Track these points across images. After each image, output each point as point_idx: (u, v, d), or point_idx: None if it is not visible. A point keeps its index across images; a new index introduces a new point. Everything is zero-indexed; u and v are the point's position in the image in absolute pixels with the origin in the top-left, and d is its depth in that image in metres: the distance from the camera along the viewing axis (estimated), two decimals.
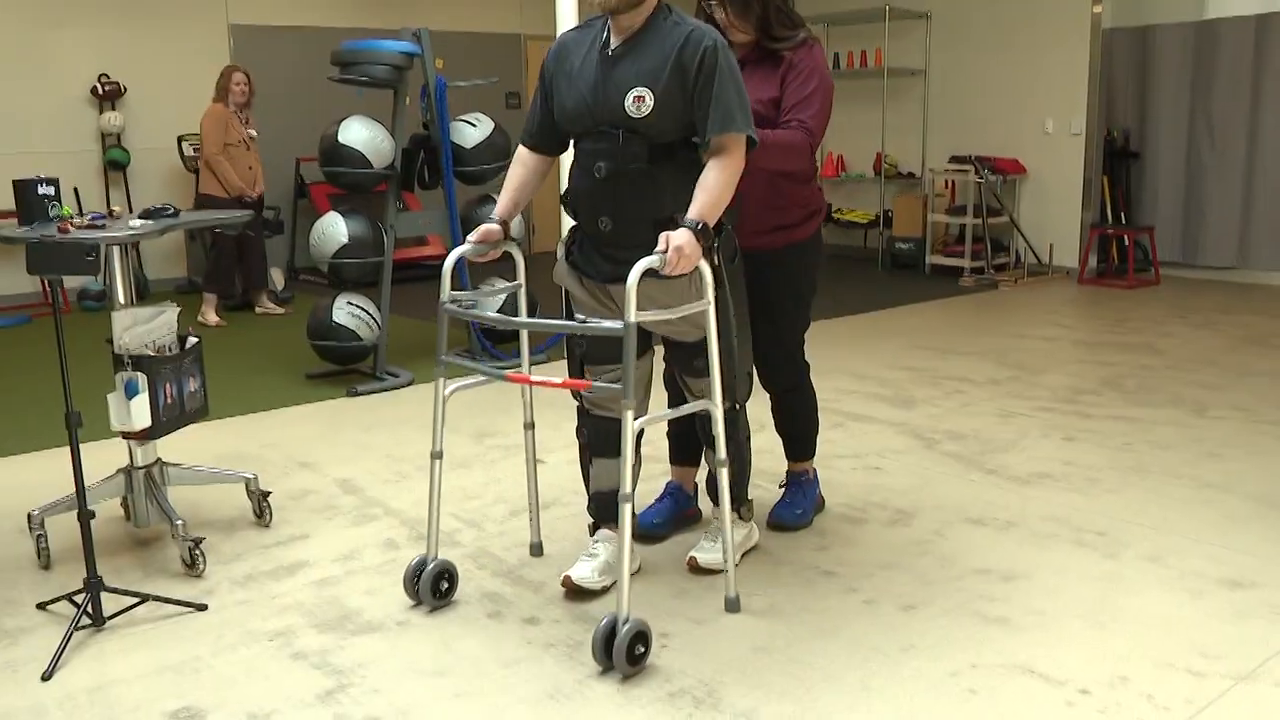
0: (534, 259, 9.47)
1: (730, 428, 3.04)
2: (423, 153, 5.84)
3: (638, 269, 2.51)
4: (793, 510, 3.50)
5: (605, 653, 2.56)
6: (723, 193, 2.66)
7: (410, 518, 3.68)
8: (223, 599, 3.05)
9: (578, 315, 2.98)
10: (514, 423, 4.78)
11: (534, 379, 2.77)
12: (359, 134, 5.48)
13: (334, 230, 5.48)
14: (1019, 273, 8.96)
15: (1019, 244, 9.24)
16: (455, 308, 2.84)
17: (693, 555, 3.16)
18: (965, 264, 8.92)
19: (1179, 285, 8.44)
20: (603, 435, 3.00)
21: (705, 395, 2.95)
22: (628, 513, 2.57)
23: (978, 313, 7.48)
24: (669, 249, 2.53)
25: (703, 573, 3.12)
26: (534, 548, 3.32)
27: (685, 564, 3.18)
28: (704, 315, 2.76)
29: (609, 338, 2.89)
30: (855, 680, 2.55)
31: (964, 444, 4.39)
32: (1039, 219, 9.17)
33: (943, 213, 9.32)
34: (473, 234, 2.90)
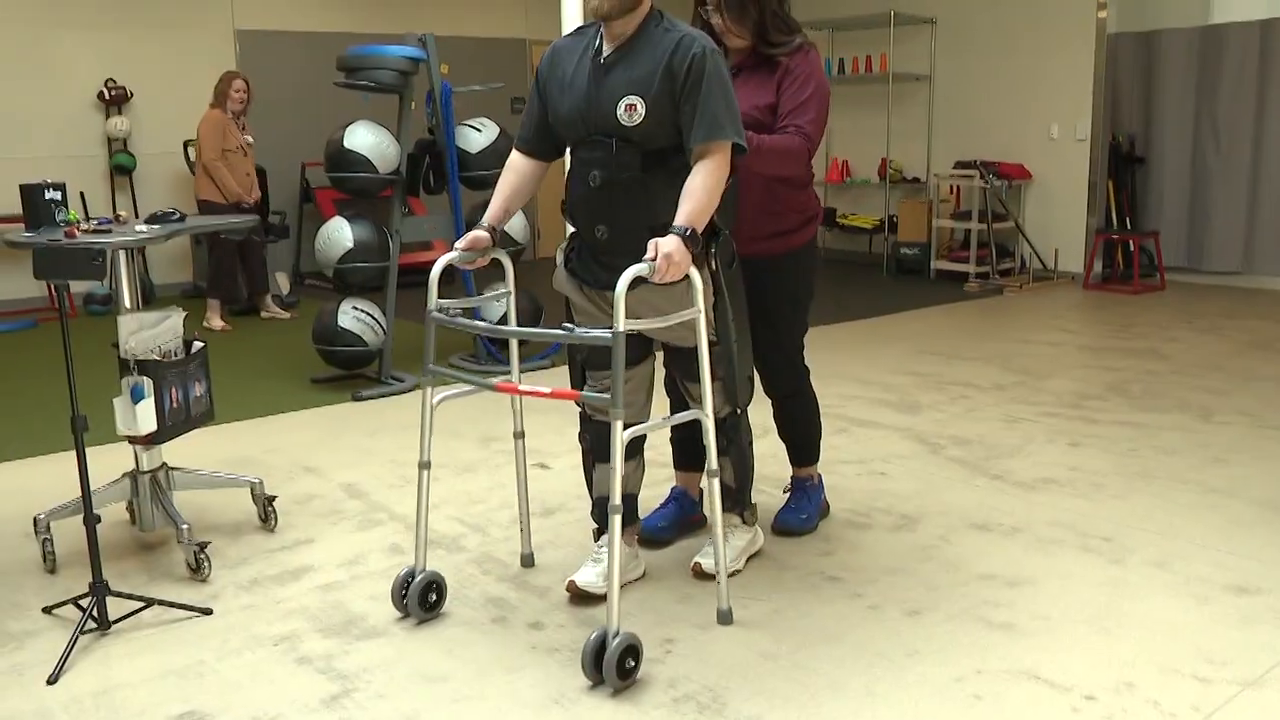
0: (538, 264, 9.49)
1: (732, 432, 3.04)
2: (428, 158, 5.84)
3: (626, 277, 2.50)
4: (798, 515, 3.49)
5: (595, 666, 2.54)
6: (709, 198, 2.64)
7: (415, 523, 3.68)
8: (228, 603, 3.06)
9: (577, 321, 2.97)
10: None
11: (523, 389, 2.75)
12: (364, 139, 5.49)
13: (339, 235, 5.48)
14: (1024, 278, 8.96)
15: (1024, 249, 9.23)
16: (442, 316, 2.84)
17: (697, 561, 3.16)
18: (970, 269, 8.91)
19: (1184, 290, 8.43)
20: (604, 441, 3.00)
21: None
22: (617, 524, 2.55)
23: (983, 318, 7.48)
24: (658, 256, 2.52)
25: (707, 578, 3.12)
26: (525, 558, 3.29)
27: (690, 570, 3.18)
28: (711, 324, 2.75)
29: (606, 345, 2.89)
30: (860, 686, 2.55)
31: (969, 449, 4.39)
32: (1044, 224, 9.16)
33: (948, 218, 9.32)
34: (460, 241, 2.88)
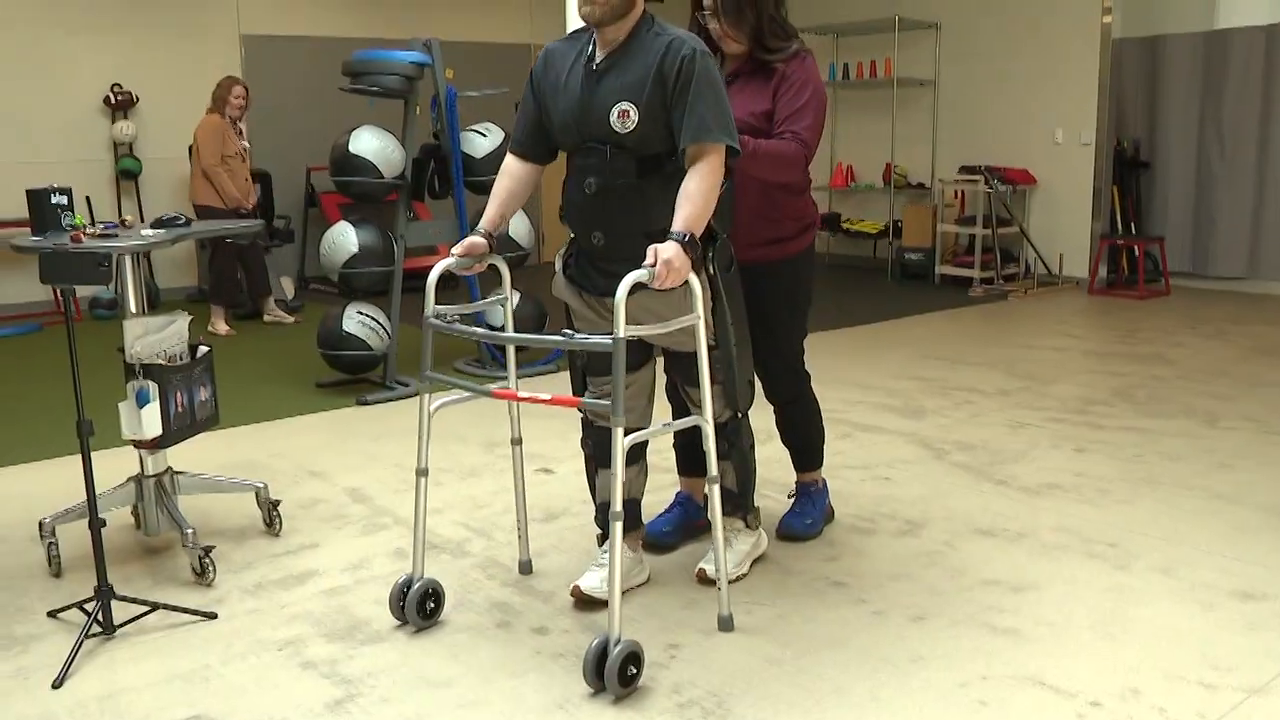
0: (542, 268, 9.49)
1: (733, 436, 3.04)
2: (433, 162, 5.85)
3: (626, 283, 2.49)
4: (802, 520, 3.49)
5: (597, 674, 2.53)
6: (705, 202, 2.64)
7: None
8: (232, 608, 3.06)
9: (577, 327, 2.97)
10: (523, 432, 4.77)
11: (521, 395, 2.75)
12: (370, 144, 5.50)
13: (344, 240, 5.49)
14: (1029, 283, 8.95)
15: (1029, 254, 9.22)
16: (439, 323, 2.84)
17: (702, 567, 3.16)
18: (975, 274, 8.91)
19: (1189, 295, 8.42)
20: (606, 446, 2.98)
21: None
22: (618, 530, 2.54)
23: (987, 323, 7.47)
24: (657, 262, 2.52)
25: (711, 584, 3.11)
26: (523, 565, 3.28)
27: (694, 575, 3.18)
28: (711, 328, 2.74)
29: (606, 351, 2.89)
30: (864, 691, 2.54)
31: (974, 454, 4.38)
32: (1049, 229, 9.16)
33: (952, 223, 9.32)
34: (457, 247, 2.88)
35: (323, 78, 9.03)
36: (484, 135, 5.85)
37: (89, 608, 2.87)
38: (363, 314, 5.56)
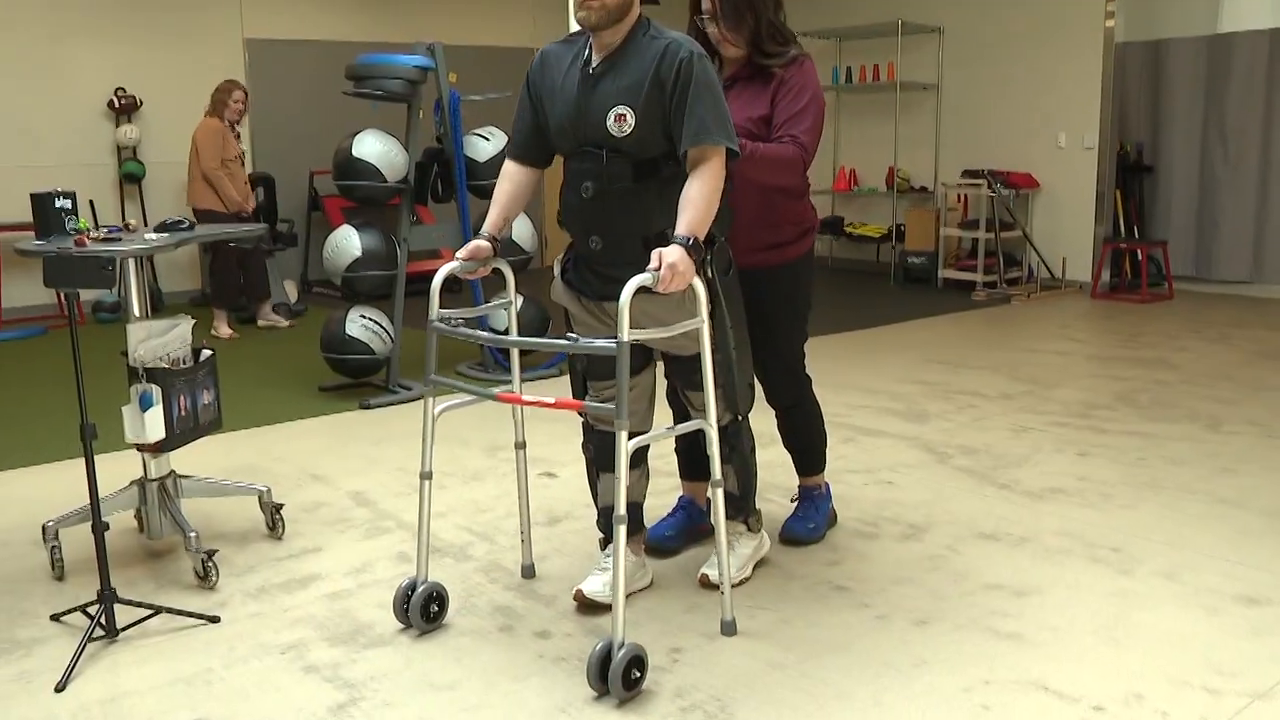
0: (546, 272, 9.49)
1: (734, 439, 3.03)
2: (436, 166, 5.86)
3: (630, 287, 2.49)
4: (805, 525, 3.49)
5: (600, 677, 2.53)
6: (708, 205, 2.64)
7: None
8: (235, 611, 3.06)
9: (577, 332, 2.96)
10: (526, 435, 4.78)
11: (526, 399, 2.75)
12: (373, 147, 5.50)
13: (347, 243, 5.50)
14: (1032, 287, 8.95)
15: (1032, 258, 9.22)
16: (443, 326, 2.84)
17: (704, 573, 3.15)
18: (978, 278, 8.90)
19: (1193, 299, 8.41)
20: (608, 451, 2.98)
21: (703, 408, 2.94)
22: (622, 534, 2.54)
23: (990, 327, 7.47)
24: (662, 266, 2.51)
25: (715, 589, 3.11)
26: (525, 569, 3.27)
27: (697, 580, 3.18)
28: (699, 331, 2.74)
29: (608, 355, 2.88)
30: (867, 696, 2.54)
31: (977, 459, 4.38)
32: (1052, 233, 9.16)
33: (955, 227, 9.31)
34: (461, 251, 2.88)
35: (326, 81, 9.05)
36: (487, 139, 5.85)
37: (92, 611, 2.87)
38: (366, 318, 5.57)
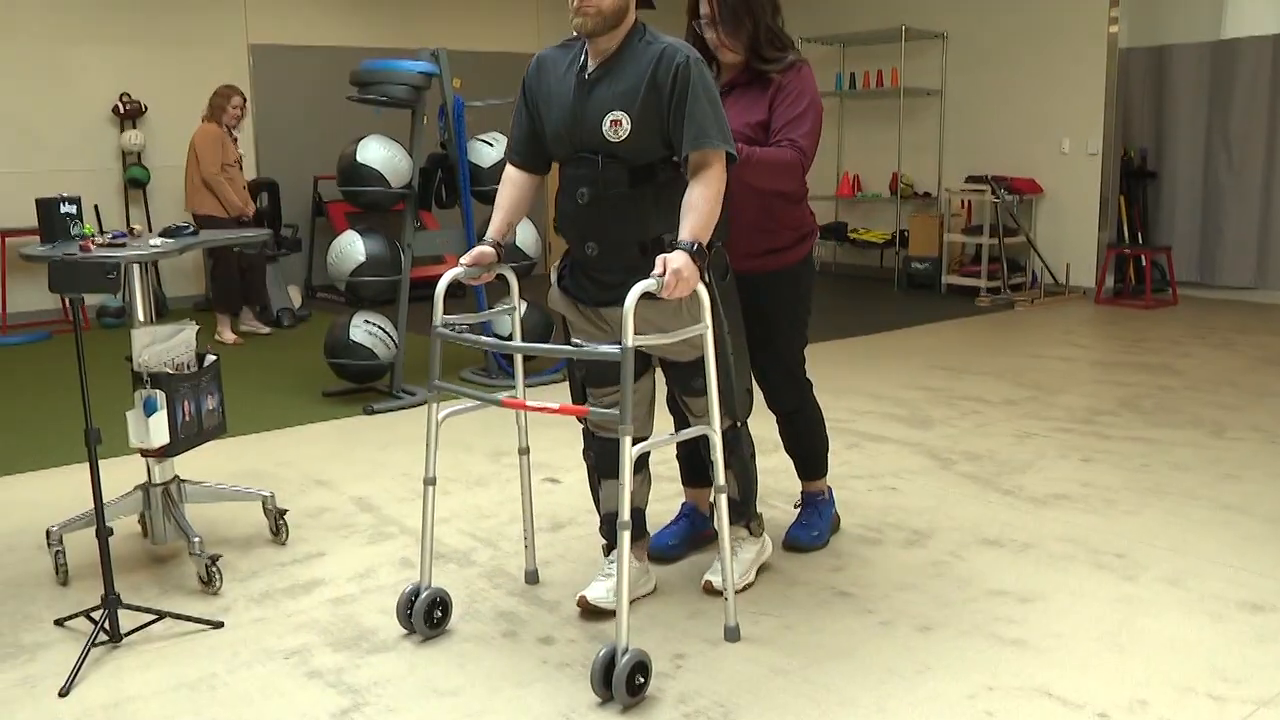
0: (549, 277, 9.49)
1: (734, 444, 3.03)
2: (440, 172, 5.87)
3: (635, 292, 2.48)
4: (809, 532, 3.48)
5: (604, 683, 2.53)
6: (711, 210, 2.64)
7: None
8: (239, 616, 3.06)
9: (575, 339, 2.97)
10: (530, 441, 4.78)
11: (530, 404, 2.75)
12: (377, 153, 5.52)
13: (352, 249, 5.51)
14: (1035, 293, 8.94)
15: (1035, 264, 9.21)
16: (448, 332, 2.84)
17: (708, 579, 3.15)
18: (981, 284, 8.90)
19: (1197, 305, 8.41)
20: (609, 457, 2.98)
21: (705, 416, 2.94)
22: (626, 540, 2.53)
23: (994, 333, 7.47)
24: (666, 272, 2.51)
25: (718, 595, 3.11)
26: (529, 575, 3.27)
27: (701, 587, 3.17)
28: (702, 337, 2.74)
29: (608, 361, 2.88)
30: (871, 702, 2.54)
31: (980, 464, 4.38)
32: (1055, 239, 9.15)
33: (959, 232, 9.31)
34: (465, 257, 2.87)
35: (330, 87, 9.08)
36: (491, 145, 5.86)
37: (96, 616, 2.87)
38: (370, 323, 5.58)
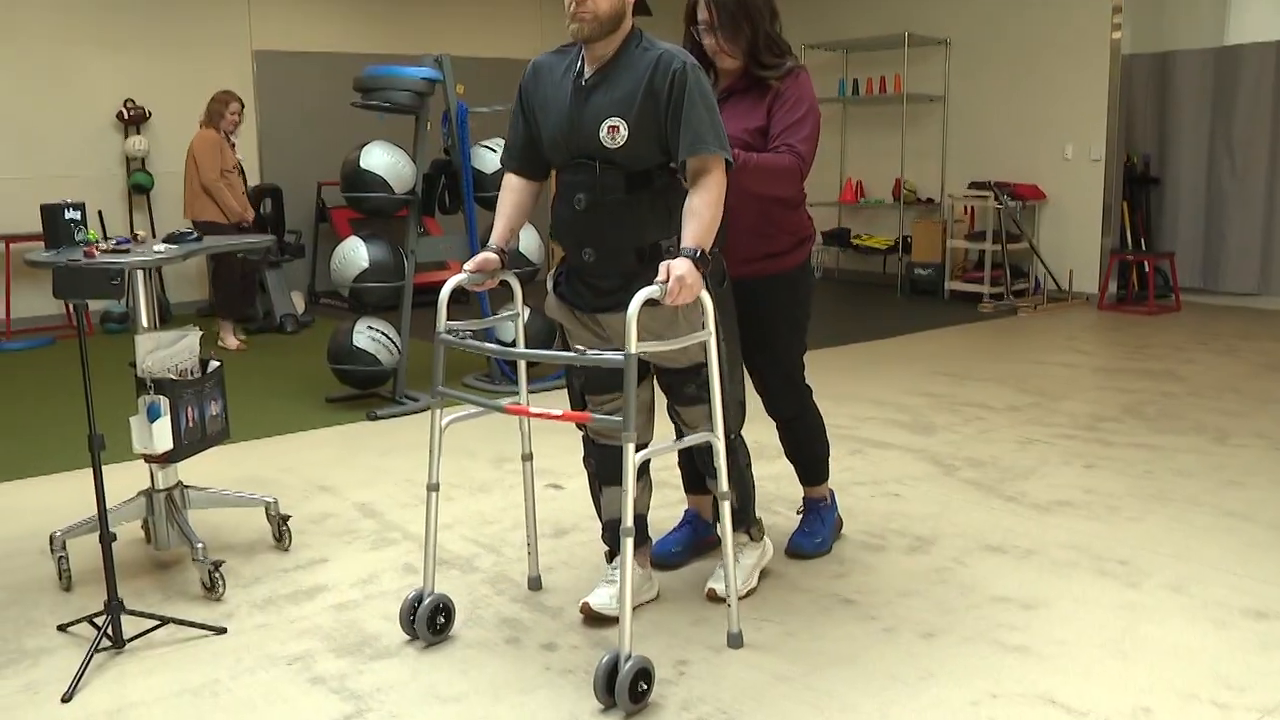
0: None
1: (729, 454, 3.02)
2: (444, 178, 5.87)
3: (638, 299, 2.48)
4: (812, 540, 3.48)
5: (607, 690, 2.52)
6: (713, 217, 2.64)
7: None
8: (242, 622, 3.06)
9: (575, 347, 2.96)
10: (533, 447, 4.78)
11: (533, 411, 2.75)
12: (380, 159, 5.52)
13: (355, 255, 5.51)
14: (1038, 299, 8.94)
15: (1038, 270, 9.21)
16: (451, 338, 2.84)
17: (711, 587, 3.15)
18: (984, 290, 8.90)
19: (1200, 311, 8.40)
20: (610, 464, 2.98)
21: (697, 425, 2.92)
22: (629, 546, 2.53)
23: (997, 339, 7.46)
24: (670, 279, 2.51)
25: (722, 602, 3.11)
26: (532, 581, 3.27)
27: (704, 595, 3.16)
28: (702, 344, 2.73)
29: (606, 368, 2.87)
30: (874, 709, 2.53)
31: (983, 471, 4.37)
32: (1058, 245, 9.15)
33: (962, 238, 9.31)
34: (469, 263, 2.87)
35: (334, 93, 9.08)
36: (494, 150, 5.87)
37: (99, 622, 2.87)
38: (373, 329, 5.58)
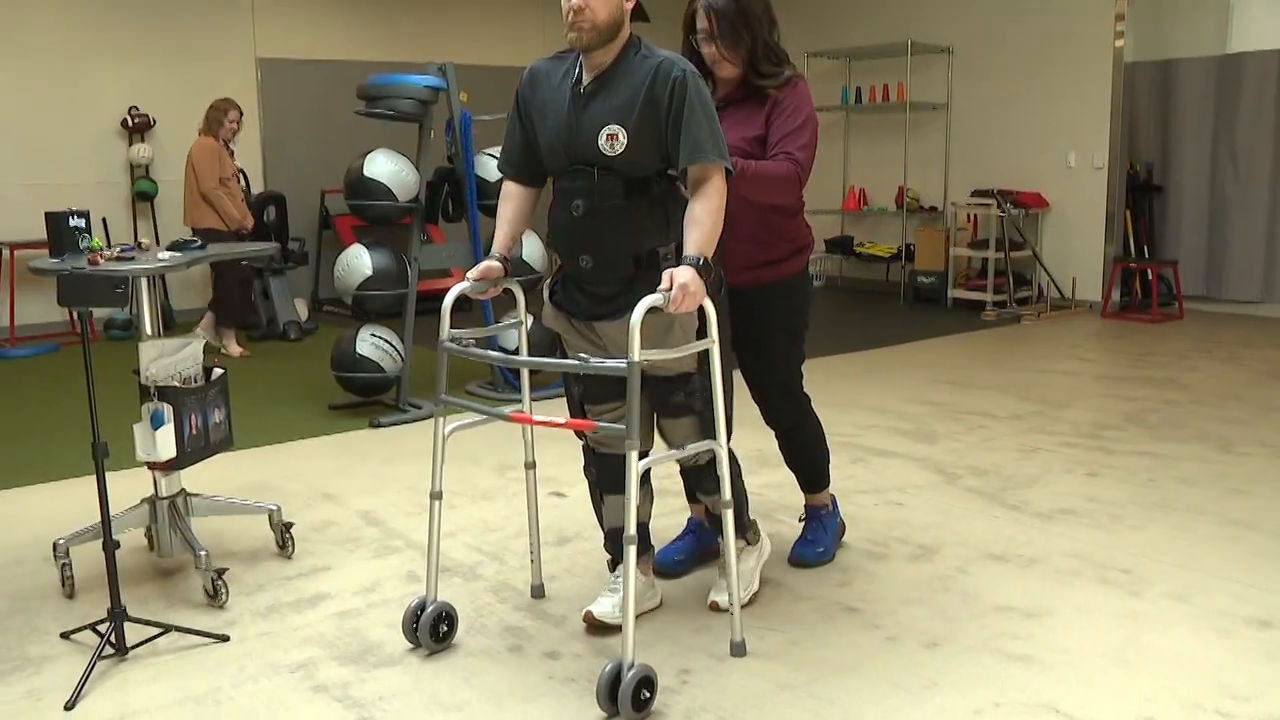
0: None
1: (720, 468, 3.01)
2: (447, 185, 5.89)
3: (641, 307, 2.48)
4: (814, 549, 3.48)
5: (610, 698, 2.52)
6: (714, 224, 2.64)
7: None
8: (245, 630, 3.06)
9: (576, 355, 2.95)
10: (536, 455, 4.78)
11: (536, 419, 2.75)
12: (384, 167, 5.53)
13: (358, 262, 5.52)
14: (1041, 307, 8.94)
15: (1041, 278, 9.21)
16: (454, 346, 2.84)
17: (713, 599, 3.14)
18: (987, 298, 8.90)
19: (1203, 319, 8.39)
20: (611, 473, 2.98)
21: (680, 439, 2.88)
22: (632, 555, 2.53)
23: (1000, 347, 7.46)
24: (673, 287, 2.51)
25: (725, 612, 3.10)
26: (535, 589, 3.27)
27: (707, 605, 3.16)
28: (692, 353, 2.73)
29: (605, 377, 2.86)
30: (877, 717, 2.53)
31: (986, 479, 4.37)
32: (1061, 253, 9.15)
33: (965, 246, 9.31)
34: (472, 271, 2.87)
35: (338, 101, 9.12)
36: (497, 158, 5.88)
37: (102, 629, 2.88)
38: (376, 336, 5.59)
